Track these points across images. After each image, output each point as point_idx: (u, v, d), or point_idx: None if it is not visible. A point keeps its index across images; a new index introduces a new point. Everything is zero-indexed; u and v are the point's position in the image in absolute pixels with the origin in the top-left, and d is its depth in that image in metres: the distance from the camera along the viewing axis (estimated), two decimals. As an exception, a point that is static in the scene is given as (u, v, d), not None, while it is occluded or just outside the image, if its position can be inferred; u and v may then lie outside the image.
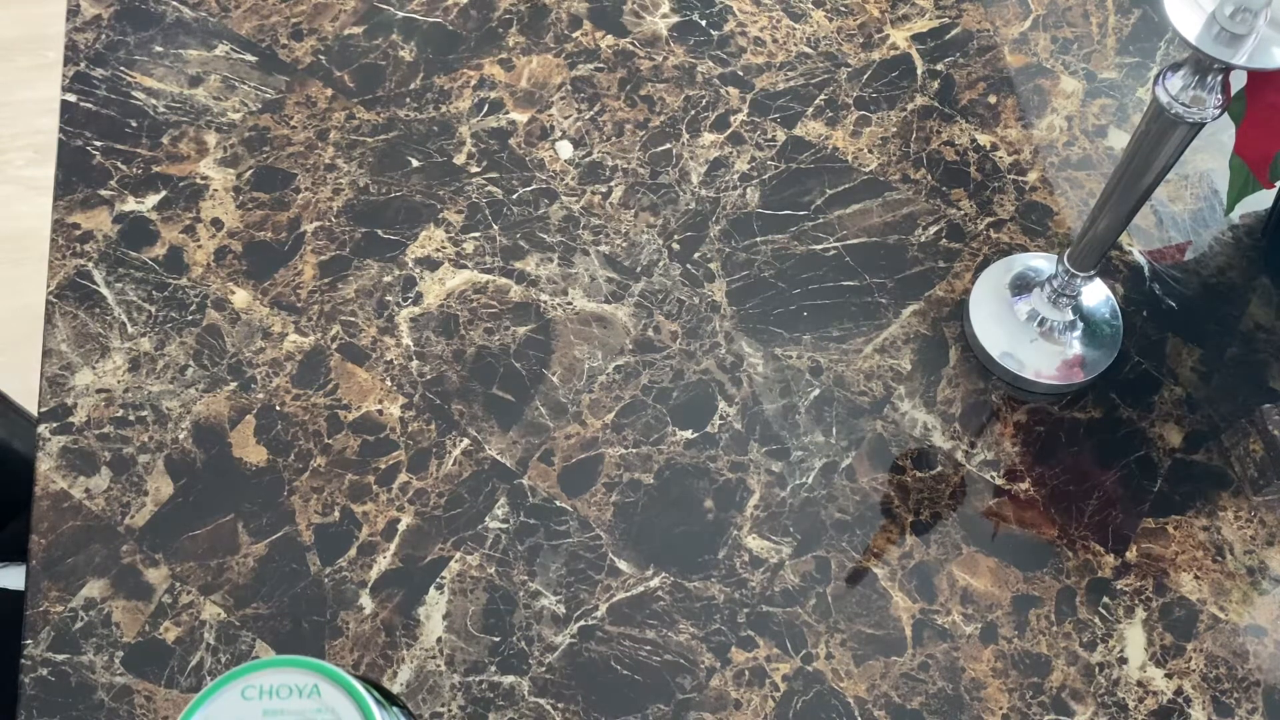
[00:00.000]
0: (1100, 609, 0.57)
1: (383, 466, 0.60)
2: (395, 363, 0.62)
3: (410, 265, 0.65)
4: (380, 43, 0.73)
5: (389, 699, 0.34)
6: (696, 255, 0.66)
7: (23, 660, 0.54)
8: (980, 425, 0.62)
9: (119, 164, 0.68)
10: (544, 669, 0.55)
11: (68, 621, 0.55)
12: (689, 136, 0.70)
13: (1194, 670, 0.56)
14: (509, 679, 0.55)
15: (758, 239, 0.67)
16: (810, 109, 0.71)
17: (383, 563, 0.57)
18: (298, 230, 0.66)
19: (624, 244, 0.66)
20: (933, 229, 0.67)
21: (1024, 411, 0.62)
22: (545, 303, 0.64)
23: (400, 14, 0.74)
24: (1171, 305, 0.66)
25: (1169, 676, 0.56)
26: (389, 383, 0.62)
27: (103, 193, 0.67)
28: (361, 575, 0.57)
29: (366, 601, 0.56)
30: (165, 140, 0.69)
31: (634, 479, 0.60)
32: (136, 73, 0.71)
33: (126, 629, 0.55)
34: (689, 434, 0.61)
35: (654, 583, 0.57)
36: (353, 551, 0.57)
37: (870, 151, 0.70)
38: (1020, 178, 0.69)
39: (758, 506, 0.59)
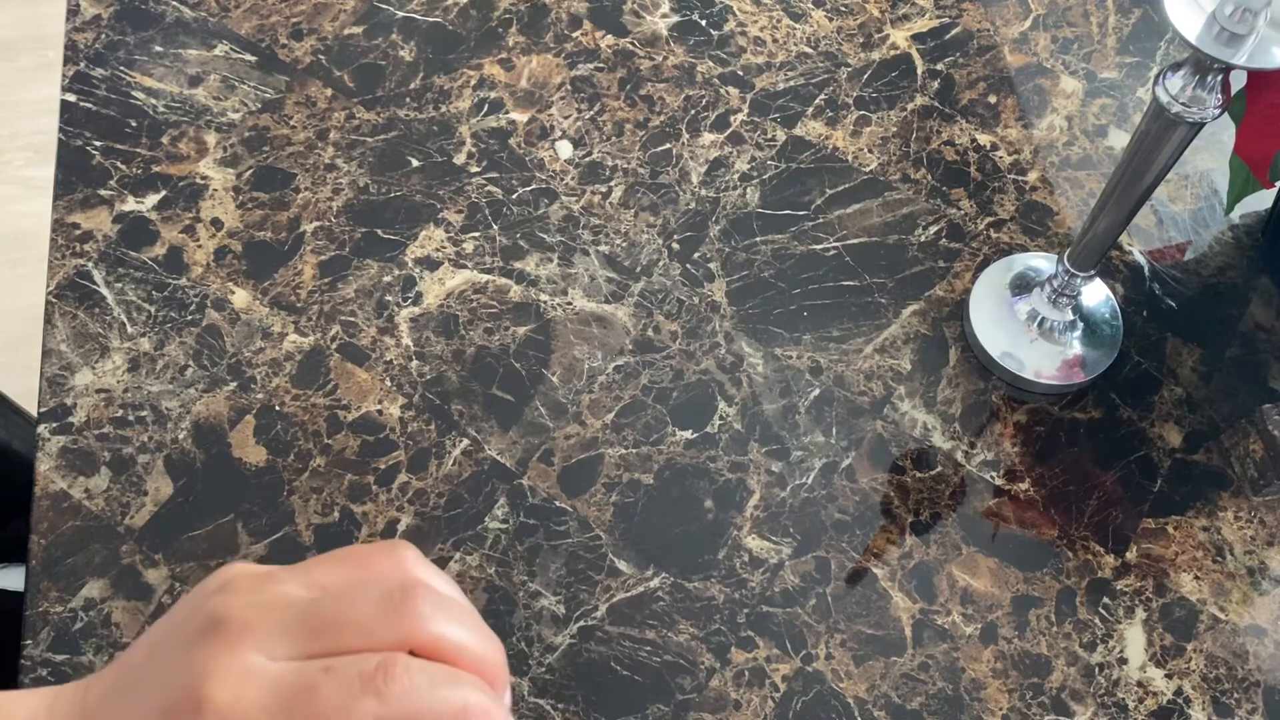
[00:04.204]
0: (1100, 609, 0.57)
1: (382, 467, 0.60)
2: (395, 363, 0.62)
3: (410, 265, 0.65)
4: (380, 43, 0.73)
5: None
6: (696, 255, 0.66)
7: (22, 661, 0.54)
8: (980, 425, 0.62)
9: (119, 164, 0.68)
10: (544, 669, 0.55)
11: (67, 622, 0.55)
12: (689, 136, 0.70)
13: (1194, 670, 0.56)
14: (509, 679, 0.55)
15: (758, 239, 0.67)
16: (810, 109, 0.71)
17: (382, 563, 0.57)
18: (297, 230, 0.66)
19: (624, 244, 0.66)
20: (933, 229, 0.67)
21: (1024, 411, 0.62)
22: (545, 303, 0.64)
23: (400, 14, 0.74)
24: (1171, 305, 0.66)
25: (1169, 677, 0.56)
26: (389, 383, 0.62)
27: (102, 193, 0.67)
28: (361, 575, 0.57)
29: (366, 602, 0.56)
30: (165, 140, 0.69)
31: (634, 479, 0.60)
32: (136, 73, 0.71)
33: (126, 629, 0.55)
34: (689, 434, 0.61)
35: (654, 583, 0.57)
36: (352, 551, 0.57)
37: (870, 151, 0.70)
38: (1020, 178, 0.69)
39: (758, 506, 0.59)
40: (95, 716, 0.31)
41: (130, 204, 0.67)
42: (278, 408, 0.61)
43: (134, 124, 0.69)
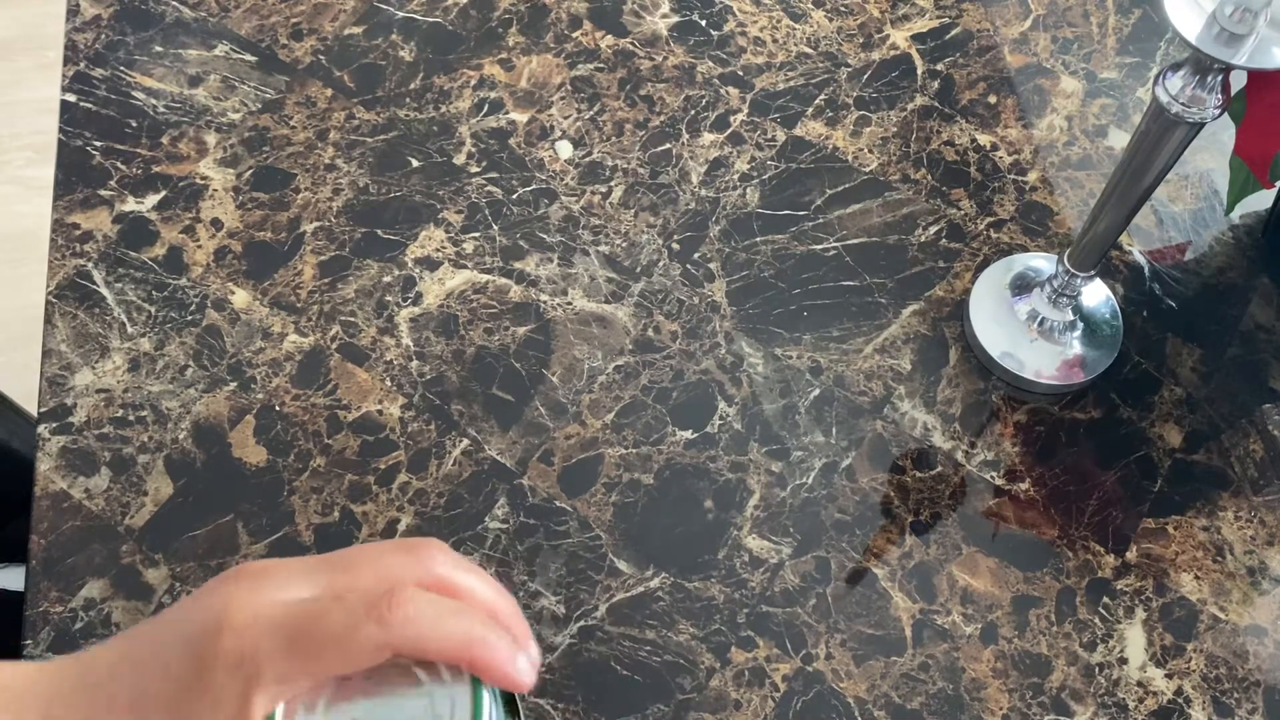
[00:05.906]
0: (1100, 609, 0.57)
1: (382, 467, 0.60)
2: (395, 363, 0.62)
3: (410, 265, 0.65)
4: (380, 43, 0.73)
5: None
6: (696, 255, 0.66)
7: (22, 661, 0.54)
8: (980, 425, 0.62)
9: (119, 164, 0.68)
10: (544, 669, 0.55)
11: (67, 622, 0.55)
12: (689, 136, 0.70)
13: (1194, 670, 0.56)
14: (509, 679, 0.55)
15: (758, 239, 0.67)
16: (810, 109, 0.71)
17: (382, 563, 0.57)
18: (297, 230, 0.66)
19: (624, 244, 0.66)
20: (933, 229, 0.67)
21: (1024, 411, 0.62)
22: (545, 303, 0.64)
23: (400, 14, 0.74)
24: (1171, 305, 0.66)
25: (1169, 677, 0.56)
26: (389, 383, 0.62)
27: (102, 193, 0.67)
28: (361, 575, 0.57)
29: (366, 602, 0.56)
30: (165, 140, 0.69)
31: (634, 479, 0.60)
32: (136, 73, 0.71)
33: (126, 629, 0.55)
34: (689, 434, 0.61)
35: (654, 583, 0.57)
36: (352, 552, 0.57)
37: (870, 151, 0.70)
38: (1020, 178, 0.69)
39: (758, 506, 0.59)
40: (107, 669, 0.32)
41: (130, 204, 0.67)
42: (278, 408, 0.61)
43: (134, 124, 0.69)
